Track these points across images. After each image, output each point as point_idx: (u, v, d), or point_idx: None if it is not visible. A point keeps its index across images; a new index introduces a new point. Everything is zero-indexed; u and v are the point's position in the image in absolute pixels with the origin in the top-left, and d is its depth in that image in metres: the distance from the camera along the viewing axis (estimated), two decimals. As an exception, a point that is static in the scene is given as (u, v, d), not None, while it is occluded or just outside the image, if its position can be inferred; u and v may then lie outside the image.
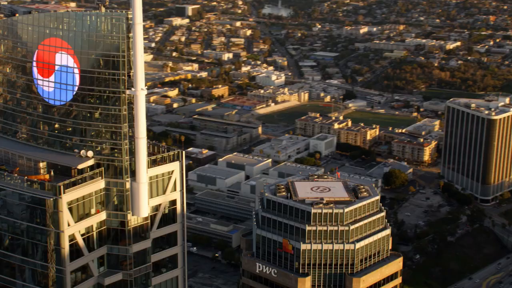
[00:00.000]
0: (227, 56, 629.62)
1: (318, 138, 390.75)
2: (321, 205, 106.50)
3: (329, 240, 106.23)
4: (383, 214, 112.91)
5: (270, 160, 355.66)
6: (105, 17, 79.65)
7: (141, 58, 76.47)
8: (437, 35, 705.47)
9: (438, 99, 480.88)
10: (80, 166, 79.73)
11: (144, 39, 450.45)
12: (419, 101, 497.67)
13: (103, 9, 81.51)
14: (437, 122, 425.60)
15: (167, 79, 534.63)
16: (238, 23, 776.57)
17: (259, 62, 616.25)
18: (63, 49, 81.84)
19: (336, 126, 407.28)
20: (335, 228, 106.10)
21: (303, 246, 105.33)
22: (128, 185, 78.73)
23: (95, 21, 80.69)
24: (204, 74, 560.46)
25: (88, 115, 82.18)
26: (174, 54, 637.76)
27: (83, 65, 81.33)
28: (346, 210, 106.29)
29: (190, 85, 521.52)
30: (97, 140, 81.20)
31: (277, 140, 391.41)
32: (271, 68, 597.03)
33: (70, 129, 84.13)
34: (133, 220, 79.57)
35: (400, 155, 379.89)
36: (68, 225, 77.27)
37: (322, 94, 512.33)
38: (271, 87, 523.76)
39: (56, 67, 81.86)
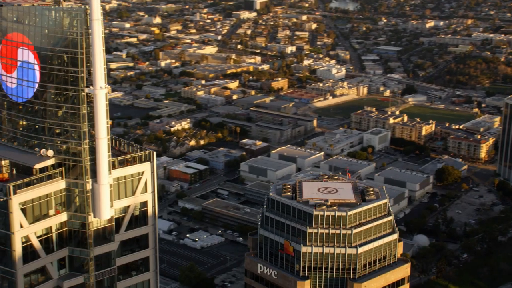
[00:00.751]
0: (290, 49, 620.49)
1: (371, 133, 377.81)
2: (324, 207, 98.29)
3: (330, 244, 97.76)
4: (390, 218, 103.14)
5: (322, 153, 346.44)
6: (64, 12, 73.51)
7: (99, 55, 69.27)
8: (507, 29, 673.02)
9: (502, 95, 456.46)
10: (38, 166, 74.16)
11: (211, 31, 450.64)
12: (481, 97, 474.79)
13: (63, 4, 75.62)
14: (497, 119, 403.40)
15: (229, 71, 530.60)
16: (304, 17, 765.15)
17: (321, 56, 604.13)
18: (24, 44, 76.47)
19: (391, 120, 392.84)
20: (337, 231, 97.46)
21: (304, 249, 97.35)
22: (89, 186, 72.44)
23: (54, 16, 74.65)
24: (266, 66, 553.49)
25: (49, 113, 76.40)
26: (239, 46, 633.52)
27: (43, 62, 75.47)
28: (349, 213, 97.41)
29: (250, 77, 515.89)
30: (58, 139, 75.20)
31: (330, 134, 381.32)
32: (333, 61, 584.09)
33: (32, 127, 78.78)
34: (95, 222, 73.06)
35: (456, 152, 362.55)
36: (21, 226, 72.09)
37: (381, 88, 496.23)
38: (331, 80, 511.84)
39: (18, 63, 76.68)
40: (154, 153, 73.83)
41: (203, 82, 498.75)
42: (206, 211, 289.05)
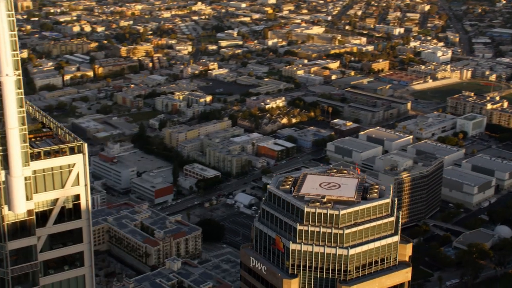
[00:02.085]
0: (398, 31, 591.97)
1: (466, 118, 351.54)
2: (317, 204, 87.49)
3: (321, 243, 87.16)
4: (392, 218, 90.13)
5: (411, 136, 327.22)
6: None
7: (4, 39, 61.41)
8: None
9: None
10: None
11: (322, 12, 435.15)
12: None
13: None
14: None
15: (332, 52, 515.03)
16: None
17: (429, 38, 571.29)
18: None
19: (489, 106, 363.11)
20: (328, 230, 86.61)
21: (293, 246, 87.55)
22: (2, 178, 65.40)
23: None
24: (370, 48, 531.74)
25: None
26: (347, 27, 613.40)
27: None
28: (342, 212, 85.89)
29: (352, 58, 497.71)
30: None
31: (423, 117, 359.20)
32: (441, 44, 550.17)
33: None
34: (12, 215, 66.32)
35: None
36: None
37: (487, 72, 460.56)
38: (434, 63, 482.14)
39: None
40: (86, 145, 66.19)
41: (305, 61, 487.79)
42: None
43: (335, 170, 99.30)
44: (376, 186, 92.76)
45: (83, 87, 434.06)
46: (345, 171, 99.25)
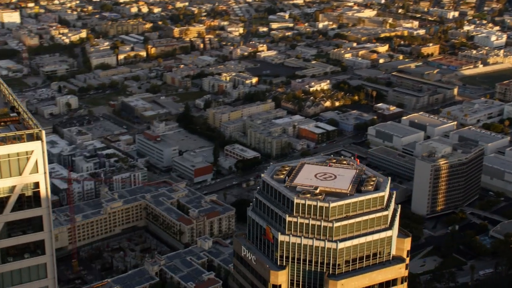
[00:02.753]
0: (452, 14, 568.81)
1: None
2: (308, 195, 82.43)
3: (311, 235, 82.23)
4: (386, 213, 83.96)
5: (455, 122, 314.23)
6: None
7: None
8: None
9: None
10: None
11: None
12: None
13: None
14: None
15: (382, 35, 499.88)
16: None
17: (484, 22, 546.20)
18: None
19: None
20: (318, 223, 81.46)
21: (281, 237, 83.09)
22: None
23: None
24: (421, 31, 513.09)
25: None
26: (400, 10, 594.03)
27: None
28: (333, 204, 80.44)
29: (402, 42, 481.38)
30: None
31: (469, 103, 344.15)
32: (496, 28, 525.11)
33: None
34: None
35: None
36: None
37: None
38: (486, 48, 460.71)
39: None
40: (44, 132, 62.71)
41: (354, 44, 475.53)
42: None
43: (334, 160, 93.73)
44: (373, 179, 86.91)
45: (135, 67, 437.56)
46: (344, 162, 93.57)
